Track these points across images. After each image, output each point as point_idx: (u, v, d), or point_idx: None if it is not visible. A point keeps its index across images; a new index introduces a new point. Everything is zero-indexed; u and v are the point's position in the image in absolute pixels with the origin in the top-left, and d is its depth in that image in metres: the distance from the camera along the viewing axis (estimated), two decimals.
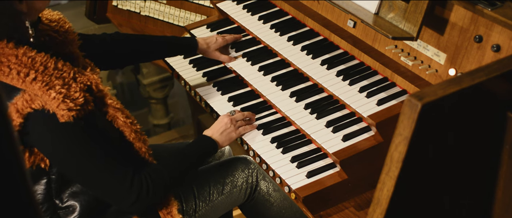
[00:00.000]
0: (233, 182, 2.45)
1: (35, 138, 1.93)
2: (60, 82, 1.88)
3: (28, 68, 1.87)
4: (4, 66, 1.88)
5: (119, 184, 2.00)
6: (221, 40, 2.71)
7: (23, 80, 1.87)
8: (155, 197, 2.06)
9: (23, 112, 1.87)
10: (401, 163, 1.39)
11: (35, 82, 1.86)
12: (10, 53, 1.88)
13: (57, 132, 1.91)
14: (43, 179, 2.06)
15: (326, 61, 2.53)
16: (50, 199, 2.10)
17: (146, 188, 2.03)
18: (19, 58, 1.88)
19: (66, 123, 1.88)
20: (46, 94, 1.86)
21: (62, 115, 1.86)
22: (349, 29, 2.61)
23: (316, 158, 2.29)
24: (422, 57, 2.35)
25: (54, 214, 2.12)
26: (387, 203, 1.44)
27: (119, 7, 3.50)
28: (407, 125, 1.37)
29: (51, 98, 1.86)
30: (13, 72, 1.87)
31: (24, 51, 1.89)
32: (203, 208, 2.39)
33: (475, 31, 2.17)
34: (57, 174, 2.06)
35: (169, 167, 2.12)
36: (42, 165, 2.00)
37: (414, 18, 2.23)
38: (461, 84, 1.41)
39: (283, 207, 2.55)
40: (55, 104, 1.86)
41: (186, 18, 3.31)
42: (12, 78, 1.87)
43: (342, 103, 2.41)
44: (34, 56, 1.90)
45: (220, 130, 2.32)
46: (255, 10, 2.88)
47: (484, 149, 1.59)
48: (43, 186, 2.07)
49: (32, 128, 1.91)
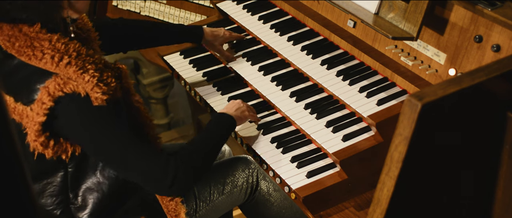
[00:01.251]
0: (233, 182, 2.45)
1: (65, 121, 1.95)
2: (93, 67, 1.92)
3: (61, 53, 1.91)
4: (37, 50, 1.91)
5: (155, 165, 2.00)
6: (228, 35, 2.74)
7: (57, 64, 1.90)
8: (189, 179, 2.06)
9: (54, 95, 1.89)
10: (401, 163, 1.39)
11: (70, 66, 1.90)
12: (43, 38, 1.92)
13: (90, 115, 1.93)
14: (61, 171, 2.07)
15: (326, 61, 2.53)
16: (65, 192, 2.10)
17: (182, 170, 2.03)
18: (53, 44, 1.92)
19: (99, 106, 1.91)
20: (81, 77, 1.89)
21: (96, 97, 1.89)
22: (349, 29, 2.61)
23: (316, 158, 2.29)
24: (422, 57, 2.35)
25: (66, 207, 2.13)
26: (387, 203, 1.44)
27: (119, 7, 3.50)
28: (407, 125, 1.37)
29: (85, 81, 1.89)
30: (47, 56, 1.90)
31: (58, 37, 1.93)
32: (203, 208, 2.39)
33: (475, 31, 2.17)
34: (74, 167, 2.07)
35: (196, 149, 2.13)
36: (63, 156, 2.01)
37: (414, 18, 2.23)
38: (461, 84, 1.41)
39: (283, 207, 2.55)
40: (89, 87, 1.89)
41: (186, 18, 3.31)
42: (46, 62, 1.91)
43: (342, 103, 2.41)
44: (67, 42, 1.94)
45: (233, 107, 2.35)
46: (255, 10, 2.88)
47: (484, 149, 1.59)
48: (59, 178, 2.08)
49: (62, 111, 1.92)
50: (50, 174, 2.07)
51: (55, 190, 2.09)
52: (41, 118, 1.89)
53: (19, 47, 1.91)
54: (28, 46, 1.91)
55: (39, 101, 1.89)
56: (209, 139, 2.19)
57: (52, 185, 2.08)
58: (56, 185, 2.08)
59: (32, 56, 1.91)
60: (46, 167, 2.04)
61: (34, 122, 1.90)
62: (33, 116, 1.90)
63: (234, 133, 2.44)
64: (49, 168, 2.05)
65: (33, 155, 1.96)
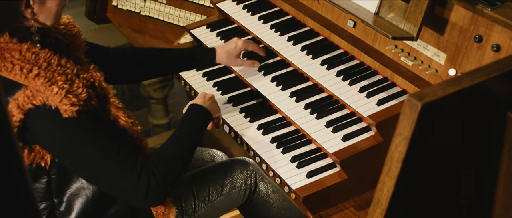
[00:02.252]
0: (232, 182, 2.45)
1: (36, 133, 1.93)
2: (63, 78, 1.88)
3: (31, 64, 1.87)
4: (7, 62, 1.88)
5: (127, 178, 1.96)
6: (241, 44, 2.60)
7: (26, 76, 1.87)
8: (165, 183, 2.01)
9: (24, 108, 1.87)
10: (401, 163, 1.40)
11: (38, 78, 1.86)
12: (14, 48, 1.89)
13: (60, 127, 1.90)
14: (44, 178, 2.05)
15: (326, 61, 2.53)
16: (49, 198, 2.09)
17: (154, 177, 1.99)
18: (23, 54, 1.88)
19: (69, 118, 1.88)
20: (49, 89, 1.86)
21: (65, 109, 1.86)
22: (349, 29, 2.61)
23: (316, 158, 2.29)
24: (422, 57, 2.35)
25: (51, 214, 2.12)
26: (387, 203, 1.44)
27: (119, 7, 3.50)
28: (407, 125, 1.37)
29: (53, 93, 1.85)
30: (16, 68, 1.87)
31: (28, 46, 1.90)
32: (202, 208, 2.39)
33: (475, 31, 2.17)
34: (57, 174, 2.05)
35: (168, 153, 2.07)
36: (42, 164, 2.00)
37: (414, 18, 2.23)
38: (461, 84, 1.41)
39: (282, 208, 2.55)
40: (57, 99, 1.86)
41: (186, 18, 3.31)
42: (15, 74, 1.87)
43: (342, 103, 2.41)
44: (37, 52, 1.90)
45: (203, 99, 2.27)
46: (255, 10, 2.88)
47: (484, 149, 1.59)
48: (43, 184, 2.06)
49: (33, 124, 1.90)
50: (34, 181, 2.05)
51: (39, 196, 2.08)
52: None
53: None
54: None
55: (10, 113, 1.86)
56: (180, 139, 2.14)
57: (36, 191, 2.06)
58: (40, 191, 2.07)
59: (2, 68, 1.88)
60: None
61: None
62: None
63: (233, 133, 2.45)
64: (31, 174, 2.02)
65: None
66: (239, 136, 2.42)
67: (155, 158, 2.04)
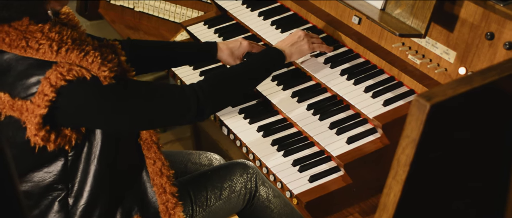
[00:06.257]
0: (231, 187, 2.45)
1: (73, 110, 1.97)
2: (91, 49, 1.97)
3: (57, 41, 1.95)
4: (32, 42, 1.94)
5: (177, 100, 2.11)
6: (246, 45, 2.57)
7: (57, 52, 1.93)
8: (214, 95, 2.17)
9: (56, 85, 1.92)
10: (408, 166, 1.40)
11: (71, 51, 1.94)
12: (35, 30, 1.95)
13: (101, 96, 1.97)
14: (61, 160, 2.08)
15: (330, 60, 2.53)
16: (65, 181, 2.12)
17: (201, 91, 2.13)
18: (46, 34, 1.95)
19: (109, 84, 1.96)
20: (84, 60, 1.94)
21: (104, 76, 1.94)
22: (354, 26, 2.62)
23: (319, 161, 2.29)
24: (430, 56, 2.35)
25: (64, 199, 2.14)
26: (394, 208, 1.45)
27: (112, 2, 3.50)
28: (415, 127, 1.37)
29: (89, 63, 1.94)
30: (45, 46, 1.93)
31: (49, 27, 1.97)
32: (200, 213, 2.39)
33: (486, 28, 2.17)
34: (74, 156, 2.09)
35: (225, 72, 2.27)
36: (66, 147, 2.04)
37: (422, 14, 2.23)
38: (472, 84, 1.41)
39: (283, 214, 2.56)
40: (95, 67, 1.94)
41: (182, 14, 3.31)
42: (44, 52, 1.94)
43: (346, 104, 2.42)
44: (59, 30, 1.98)
45: (291, 41, 2.45)
46: (255, 6, 2.89)
47: (495, 151, 1.60)
48: (59, 167, 2.09)
49: (67, 102, 1.95)
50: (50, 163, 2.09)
51: (56, 179, 2.12)
52: (42, 110, 1.91)
53: (11, 41, 1.94)
54: (20, 39, 1.93)
55: (41, 93, 1.91)
56: (244, 66, 2.33)
57: (51, 173, 2.10)
58: (56, 174, 2.10)
59: (27, 48, 1.94)
60: (46, 158, 2.06)
61: (35, 114, 1.92)
62: (33, 108, 1.92)
63: (232, 135, 2.45)
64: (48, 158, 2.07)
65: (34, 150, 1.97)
66: (238, 138, 2.42)
67: (208, 75, 2.22)
